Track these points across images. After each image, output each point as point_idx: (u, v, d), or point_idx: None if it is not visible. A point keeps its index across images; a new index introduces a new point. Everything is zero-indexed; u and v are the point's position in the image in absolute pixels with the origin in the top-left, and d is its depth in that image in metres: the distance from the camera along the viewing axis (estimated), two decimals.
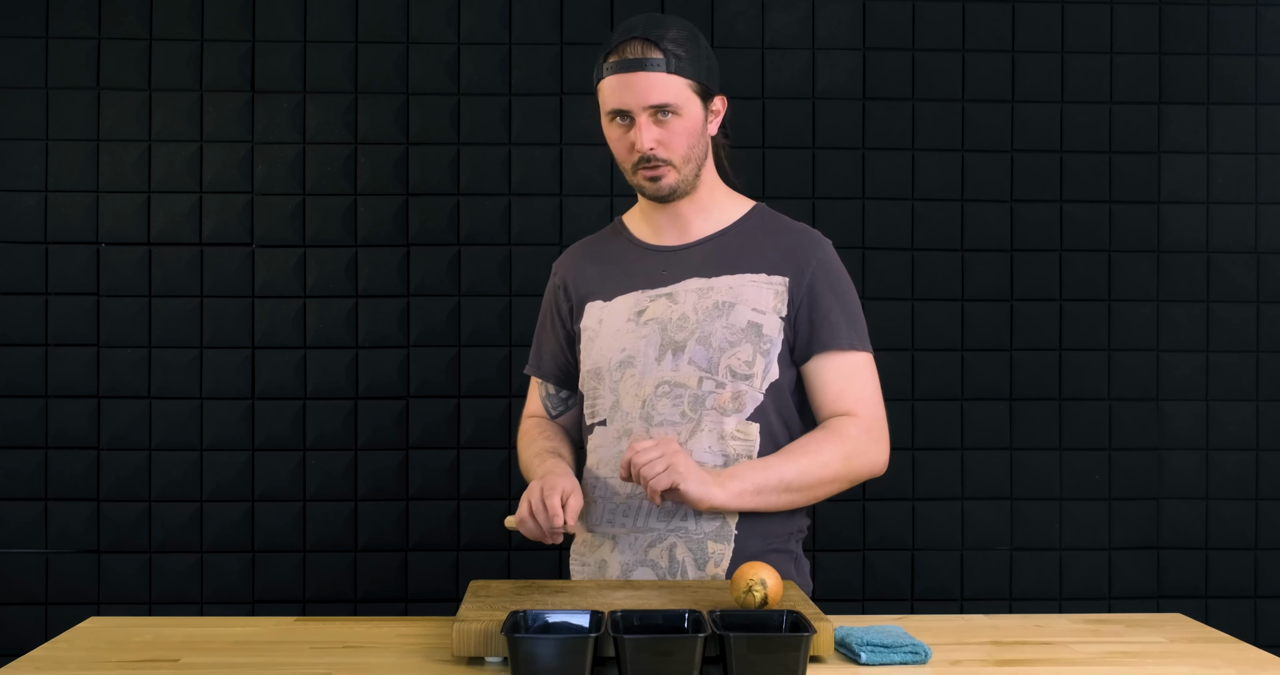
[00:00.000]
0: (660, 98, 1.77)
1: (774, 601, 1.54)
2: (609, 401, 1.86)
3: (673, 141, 1.80)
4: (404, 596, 2.83)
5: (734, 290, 1.84)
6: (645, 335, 1.84)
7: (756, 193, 2.86)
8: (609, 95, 1.80)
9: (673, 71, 1.77)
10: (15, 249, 2.80)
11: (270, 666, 1.50)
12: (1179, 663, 1.54)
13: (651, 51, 1.76)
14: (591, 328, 1.91)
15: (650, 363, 1.83)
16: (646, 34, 1.77)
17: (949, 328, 2.90)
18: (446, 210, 2.85)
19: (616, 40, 1.79)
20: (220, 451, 2.82)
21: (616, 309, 1.89)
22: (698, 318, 1.83)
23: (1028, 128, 2.92)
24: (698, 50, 1.81)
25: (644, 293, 1.87)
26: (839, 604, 2.77)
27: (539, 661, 1.35)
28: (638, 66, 1.76)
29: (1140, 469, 2.92)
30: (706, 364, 1.81)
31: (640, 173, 1.82)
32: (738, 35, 2.89)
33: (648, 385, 1.83)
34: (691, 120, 1.80)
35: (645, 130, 1.78)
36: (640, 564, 1.82)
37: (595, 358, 1.89)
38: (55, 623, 2.74)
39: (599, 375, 1.88)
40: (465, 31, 2.86)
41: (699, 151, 1.84)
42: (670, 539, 1.81)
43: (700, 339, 1.82)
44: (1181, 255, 2.93)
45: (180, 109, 2.82)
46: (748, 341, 1.82)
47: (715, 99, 1.85)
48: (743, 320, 1.82)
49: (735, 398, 1.81)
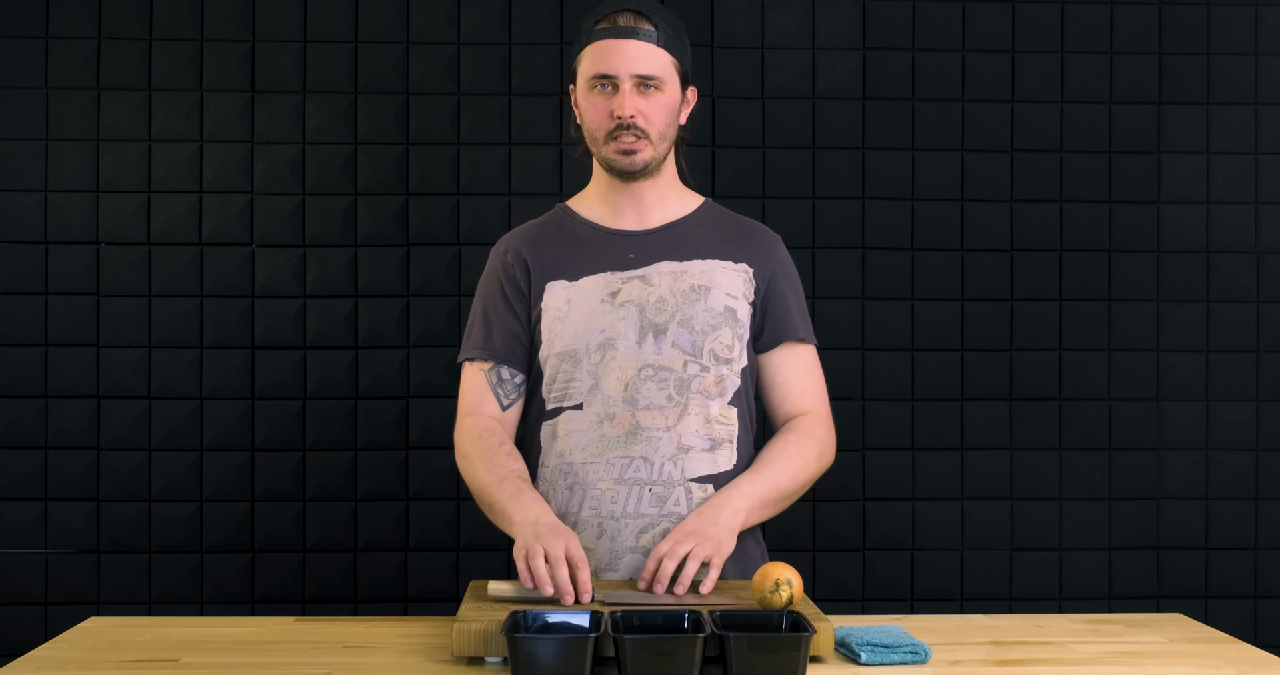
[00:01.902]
0: (648, 68, 1.79)
1: (797, 602, 1.56)
2: (586, 384, 1.82)
3: (653, 114, 1.81)
4: (404, 596, 2.83)
5: (707, 275, 1.85)
6: (623, 317, 1.83)
7: (756, 193, 2.87)
8: (595, 60, 1.81)
9: (661, 46, 1.81)
10: (15, 249, 2.80)
11: (270, 666, 1.50)
12: (1179, 663, 1.54)
13: (643, 23, 1.80)
14: (558, 308, 1.85)
15: (631, 345, 1.82)
16: (639, 7, 1.81)
17: (949, 328, 2.90)
18: (446, 210, 2.85)
19: (606, 9, 1.82)
20: (220, 451, 2.82)
21: (586, 289, 1.85)
22: (676, 301, 1.83)
23: (1028, 128, 2.92)
24: (683, 36, 1.86)
25: (614, 274, 1.85)
26: (839, 604, 2.77)
27: (539, 661, 1.35)
28: (630, 34, 1.79)
29: (1140, 469, 2.92)
30: (690, 347, 1.82)
31: (614, 143, 1.82)
32: (738, 35, 2.89)
33: (630, 368, 1.81)
34: (671, 97, 1.83)
35: (629, 98, 1.79)
36: (630, 551, 1.79)
37: (568, 339, 1.83)
38: (55, 623, 2.74)
39: (573, 357, 1.83)
40: (465, 31, 2.86)
41: (671, 133, 1.86)
42: (664, 525, 1.79)
43: (682, 322, 1.82)
44: (1181, 255, 2.93)
45: (180, 109, 2.82)
46: (726, 326, 1.84)
47: (690, 89, 1.89)
48: (720, 305, 1.84)
49: (718, 381, 1.82)
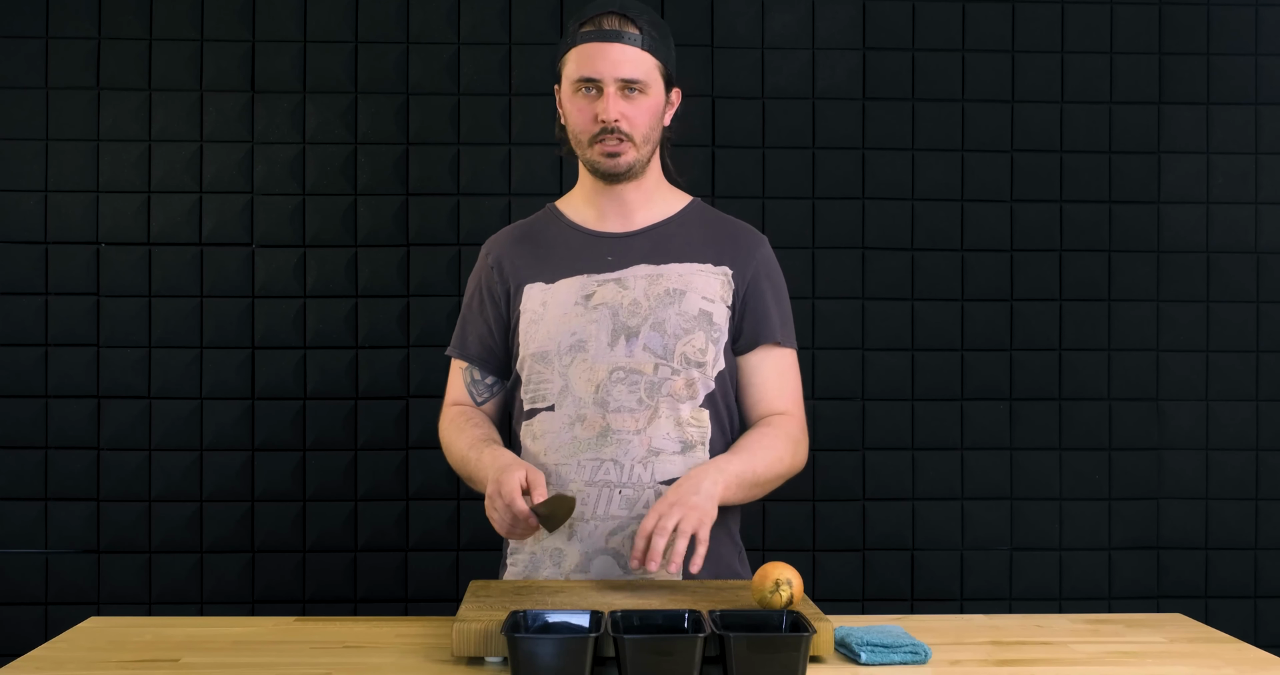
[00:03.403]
0: (632, 72, 1.79)
1: (797, 602, 1.56)
2: (557, 386, 1.83)
3: (637, 118, 1.81)
4: (404, 596, 2.83)
5: (684, 278, 1.85)
6: (596, 320, 1.83)
7: (755, 193, 2.87)
8: (580, 63, 1.81)
9: (646, 49, 1.81)
10: (15, 249, 2.80)
11: (270, 666, 1.50)
12: (1179, 663, 1.54)
13: (628, 26, 1.80)
14: (534, 310, 1.87)
15: (603, 347, 1.82)
16: (624, 10, 1.81)
17: (949, 328, 2.90)
18: (446, 210, 2.85)
19: (591, 12, 1.82)
20: (220, 451, 2.82)
21: (561, 292, 1.86)
22: (650, 304, 1.83)
23: (1028, 128, 2.92)
24: (667, 39, 1.86)
25: (590, 277, 1.86)
26: (839, 604, 2.77)
27: (539, 661, 1.35)
28: (614, 38, 1.79)
29: (1140, 469, 2.92)
30: (662, 350, 1.82)
31: (598, 146, 1.83)
32: (738, 35, 2.89)
33: (600, 370, 1.82)
34: (655, 101, 1.83)
35: (613, 102, 1.79)
36: (601, 552, 1.80)
37: (541, 341, 1.85)
38: (55, 623, 2.74)
39: (545, 359, 1.84)
40: (465, 31, 2.86)
41: (656, 136, 1.86)
42: (632, 527, 1.79)
43: (654, 325, 1.82)
44: (1181, 255, 2.93)
45: (180, 109, 2.82)
46: (700, 329, 1.83)
47: (674, 91, 1.89)
48: (694, 308, 1.84)
49: (689, 385, 1.82)
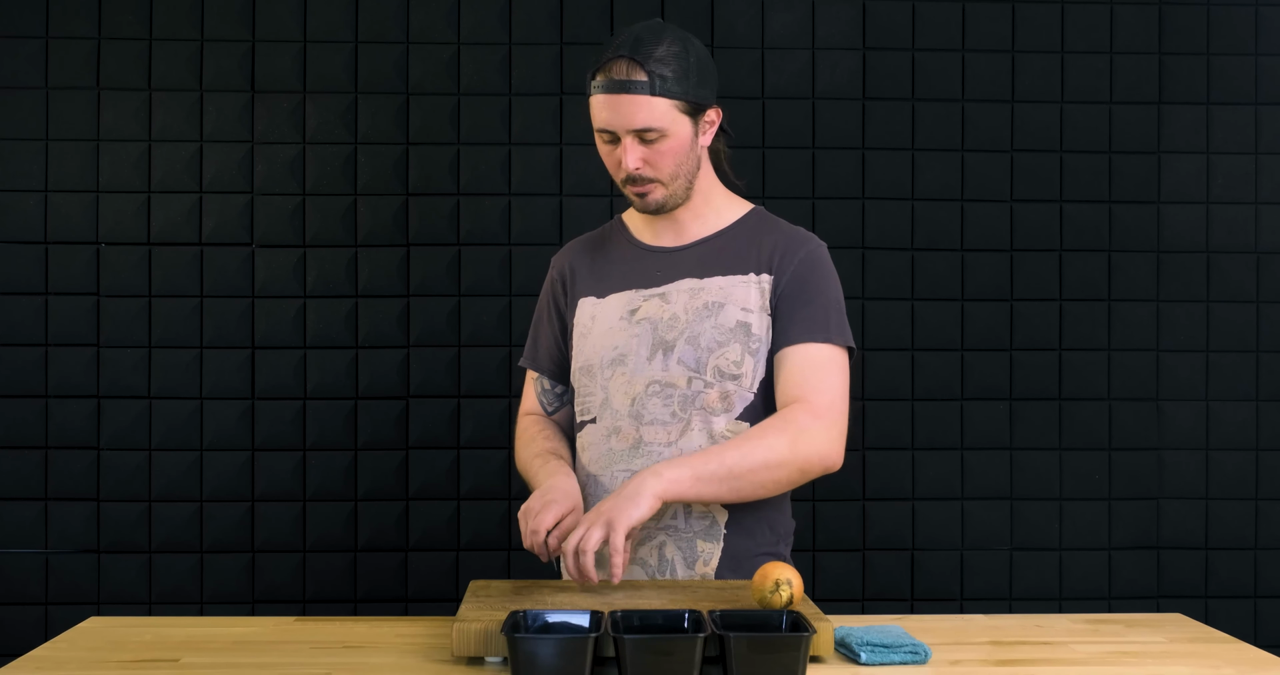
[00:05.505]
0: (644, 122, 1.75)
1: (797, 602, 1.56)
2: (599, 399, 1.86)
3: (659, 161, 1.79)
4: (404, 596, 2.83)
5: (724, 291, 1.84)
6: (637, 334, 1.84)
7: (756, 192, 2.87)
8: (596, 113, 1.78)
9: (657, 94, 1.74)
10: (15, 249, 2.80)
11: (270, 666, 1.50)
12: (1179, 663, 1.54)
13: (636, 73, 1.73)
14: (584, 324, 1.91)
15: (641, 362, 1.83)
16: (633, 54, 1.73)
17: (949, 328, 2.90)
18: (446, 210, 2.85)
19: (605, 57, 1.76)
20: (220, 451, 2.82)
21: (610, 306, 1.89)
22: (688, 318, 1.83)
23: (1028, 128, 2.92)
24: (686, 65, 1.77)
25: (637, 292, 1.87)
26: (839, 604, 2.77)
27: (539, 661, 1.35)
28: (621, 89, 1.74)
29: (1140, 469, 2.92)
30: (695, 364, 1.81)
31: (629, 188, 1.83)
32: (738, 35, 2.88)
33: (638, 384, 1.83)
34: (678, 139, 1.78)
35: (630, 151, 1.77)
36: (630, 562, 1.82)
37: (587, 354, 1.89)
38: (55, 623, 2.74)
39: (590, 372, 1.88)
40: (465, 31, 2.86)
41: (688, 167, 1.82)
42: (660, 537, 1.82)
43: (689, 339, 1.82)
44: (1181, 255, 2.93)
45: (180, 109, 2.82)
46: (736, 341, 1.82)
47: (708, 111, 1.82)
48: (731, 320, 1.82)
49: (724, 398, 1.81)
